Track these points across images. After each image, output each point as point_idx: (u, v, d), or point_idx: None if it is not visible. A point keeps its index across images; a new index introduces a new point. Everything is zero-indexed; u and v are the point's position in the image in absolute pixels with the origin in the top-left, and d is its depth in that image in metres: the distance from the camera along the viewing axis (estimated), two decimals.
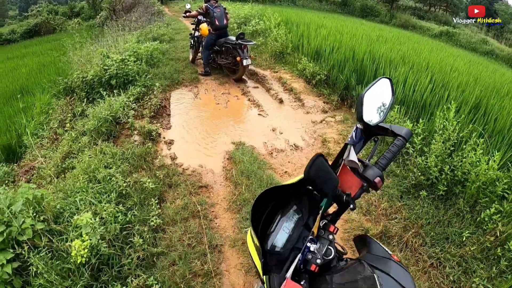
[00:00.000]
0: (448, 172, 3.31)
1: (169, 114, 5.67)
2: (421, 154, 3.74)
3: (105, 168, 3.73)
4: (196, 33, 7.87)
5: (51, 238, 2.75)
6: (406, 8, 35.96)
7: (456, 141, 3.57)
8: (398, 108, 4.40)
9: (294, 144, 4.70)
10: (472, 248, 2.79)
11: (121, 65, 6.18)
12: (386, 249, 1.17)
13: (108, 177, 3.52)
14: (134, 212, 3.16)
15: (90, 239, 2.58)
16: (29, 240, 2.62)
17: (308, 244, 1.15)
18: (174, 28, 13.24)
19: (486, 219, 2.89)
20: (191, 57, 8.35)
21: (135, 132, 4.80)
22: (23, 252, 2.48)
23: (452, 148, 3.53)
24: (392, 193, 3.52)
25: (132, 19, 12.86)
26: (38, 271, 2.43)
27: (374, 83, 1.26)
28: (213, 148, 4.66)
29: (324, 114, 5.62)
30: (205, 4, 6.93)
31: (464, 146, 3.48)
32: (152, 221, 3.12)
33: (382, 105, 1.29)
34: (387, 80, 1.30)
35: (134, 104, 5.48)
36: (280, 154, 4.49)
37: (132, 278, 2.60)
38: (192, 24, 8.35)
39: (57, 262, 2.56)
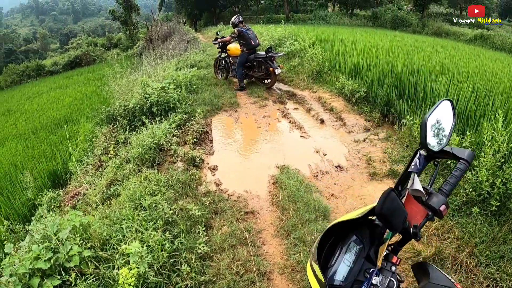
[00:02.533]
0: (500, 186, 3.09)
1: (211, 140, 5.67)
2: (470, 168, 3.52)
3: (151, 195, 3.71)
4: (223, 55, 8.78)
5: (98, 265, 2.76)
6: (438, 14, 35.53)
7: (506, 152, 3.35)
8: None
9: (338, 165, 4.57)
10: None
11: (162, 93, 6.29)
12: (449, 277, 1.12)
13: (154, 204, 3.49)
14: (181, 240, 3.11)
15: (138, 267, 2.56)
16: (76, 267, 2.64)
17: (371, 276, 1.12)
18: (210, 54, 13.57)
19: None
20: (220, 77, 9.18)
21: (179, 159, 4.81)
22: (70, 279, 2.48)
23: (502, 160, 3.31)
24: None
25: (169, 47, 13.23)
26: None
27: (436, 107, 1.23)
28: (257, 173, 4.59)
29: (367, 132, 5.47)
30: (237, 29, 7.82)
31: None
32: (200, 248, 3.05)
33: (444, 129, 1.25)
34: (448, 102, 1.27)
35: (176, 131, 5.53)
36: (325, 176, 4.37)
37: None
38: (218, 48, 9.05)
39: None
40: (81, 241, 2.81)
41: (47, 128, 8.55)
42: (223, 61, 8.91)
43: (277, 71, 7.57)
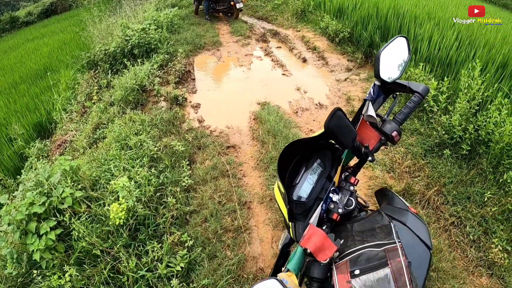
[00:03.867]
0: (472, 132, 3.24)
1: (194, 79, 5.70)
2: (445, 112, 3.65)
3: (136, 135, 3.82)
4: None
5: (90, 205, 2.89)
6: None
7: (481, 100, 3.46)
8: (423, 65, 4.25)
9: (318, 103, 4.66)
10: (493, 209, 2.77)
11: (142, 34, 6.19)
12: (404, 202, 1.23)
13: (139, 143, 3.62)
14: (166, 174, 3.27)
15: (127, 202, 2.70)
16: (70, 207, 2.76)
17: (331, 195, 1.23)
18: None
19: (509, 180, 2.82)
20: (194, 9, 9.47)
21: (162, 99, 4.87)
22: (65, 219, 2.61)
23: (477, 108, 3.43)
24: (415, 151, 3.48)
25: None
26: (80, 235, 2.57)
27: (391, 42, 1.32)
28: (239, 109, 4.69)
29: (348, 72, 5.52)
30: None
31: (489, 106, 3.36)
32: (184, 181, 3.23)
33: (399, 63, 1.33)
34: (403, 39, 1.34)
35: (159, 72, 5.53)
36: (305, 112, 4.48)
37: (168, 236, 2.74)
38: None
39: (97, 226, 2.70)
40: (72, 184, 2.93)
41: (27, 81, 8.36)
42: None
43: (238, 5, 8.08)
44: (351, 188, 1.26)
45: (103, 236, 2.66)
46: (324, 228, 1.12)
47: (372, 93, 1.30)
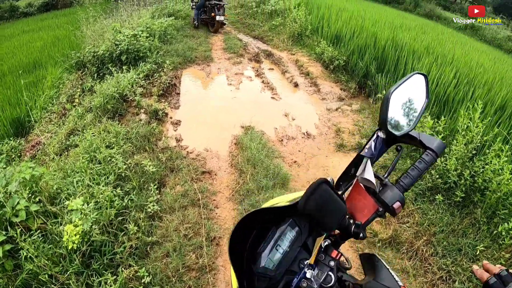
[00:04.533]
0: (468, 178, 3.04)
1: (179, 93, 5.48)
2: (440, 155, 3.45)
3: (107, 147, 3.59)
4: None
5: (45, 221, 2.65)
6: None
7: (479, 144, 3.27)
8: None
9: (306, 132, 4.48)
10: None
11: (133, 41, 5.99)
12: (396, 278, 0.98)
13: (109, 158, 3.37)
14: (131, 197, 3.01)
15: (83, 225, 2.46)
16: (23, 222, 2.53)
17: (305, 269, 0.96)
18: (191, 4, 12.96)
19: (504, 233, 2.65)
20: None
21: (142, 111, 4.63)
22: (15, 234, 2.38)
23: (474, 152, 3.26)
24: (405, 195, 3.23)
25: None
26: (29, 256, 2.33)
27: (405, 80, 1.02)
28: (221, 131, 4.46)
29: (340, 101, 5.37)
30: None
31: (488, 151, 3.19)
32: (150, 207, 2.96)
33: (413, 109, 1.04)
34: (422, 77, 1.05)
35: (144, 82, 5.31)
36: (290, 141, 4.29)
37: (123, 268, 2.47)
38: None
39: (49, 246, 2.46)
40: (30, 195, 2.69)
41: (14, 73, 8.12)
42: (192, 4, 9.90)
43: (218, 17, 8.55)
44: (331, 263, 0.99)
45: (54, 259, 2.42)
46: None
47: (372, 148, 1.02)
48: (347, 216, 0.98)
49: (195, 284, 2.47)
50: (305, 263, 0.98)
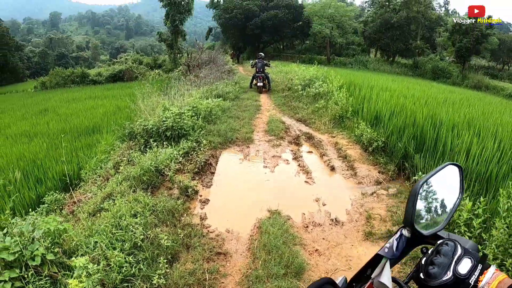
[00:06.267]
0: (510, 268, 2.59)
1: (213, 172, 5.66)
2: (479, 242, 3.02)
3: (132, 216, 3.77)
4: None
5: (58, 270, 2.89)
6: (479, 67, 34.76)
7: None
8: None
9: (335, 219, 4.32)
10: None
11: (177, 119, 6.48)
12: None
13: (131, 226, 3.53)
14: (140, 267, 3.10)
15: (87, 283, 2.62)
16: (37, 266, 2.79)
17: None
18: (243, 87, 14.01)
19: None
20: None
21: (175, 186, 4.84)
22: (26, 276, 2.66)
23: None
24: None
25: (201, 75, 13.89)
26: None
27: (436, 172, 0.93)
28: (246, 213, 4.47)
29: (377, 185, 5.17)
30: (256, 60, 13.62)
31: None
32: (155, 279, 3.02)
33: (445, 205, 0.93)
34: (456, 168, 0.96)
35: (182, 158, 5.59)
36: (316, 228, 4.16)
37: None
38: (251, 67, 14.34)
39: None
40: (51, 245, 2.97)
41: (74, 134, 8.95)
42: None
43: (258, 83, 13.13)
44: None
45: None
46: None
47: (394, 248, 0.89)
48: None
49: None
50: None
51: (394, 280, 0.87)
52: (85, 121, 10.22)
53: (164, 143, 5.96)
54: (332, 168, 5.89)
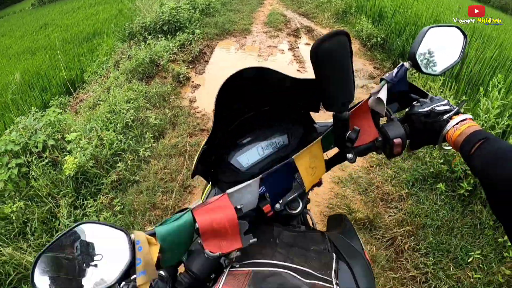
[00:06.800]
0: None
1: (207, 61, 5.73)
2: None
3: (126, 102, 4.01)
4: None
5: (59, 153, 3.21)
6: None
7: (499, 130, 2.69)
8: (446, 81, 3.86)
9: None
10: (476, 275, 2.09)
11: (173, 12, 6.38)
12: (362, 243, 0.94)
13: (124, 110, 3.78)
14: (129, 142, 3.40)
15: (80, 157, 2.94)
16: (40, 152, 3.14)
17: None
18: None
19: (509, 243, 2.15)
20: None
21: (169, 75, 4.98)
22: (29, 159, 3.02)
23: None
24: (403, 178, 2.90)
25: None
26: (36, 176, 2.93)
27: (446, 26, 0.96)
28: None
29: (370, 80, 5.16)
30: None
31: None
32: (141, 152, 3.32)
33: (444, 58, 0.96)
34: (461, 34, 0.97)
35: (178, 50, 5.67)
36: None
37: (101, 195, 2.87)
38: None
39: (54, 172, 3.02)
40: (51, 133, 3.31)
41: (76, 42, 8.91)
42: None
43: None
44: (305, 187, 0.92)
45: (56, 183, 2.96)
46: (242, 221, 0.77)
47: (393, 74, 0.93)
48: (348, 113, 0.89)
49: (155, 220, 2.74)
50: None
51: (387, 109, 0.93)
52: (86, 28, 10.05)
53: (159, 36, 5.99)
54: None
